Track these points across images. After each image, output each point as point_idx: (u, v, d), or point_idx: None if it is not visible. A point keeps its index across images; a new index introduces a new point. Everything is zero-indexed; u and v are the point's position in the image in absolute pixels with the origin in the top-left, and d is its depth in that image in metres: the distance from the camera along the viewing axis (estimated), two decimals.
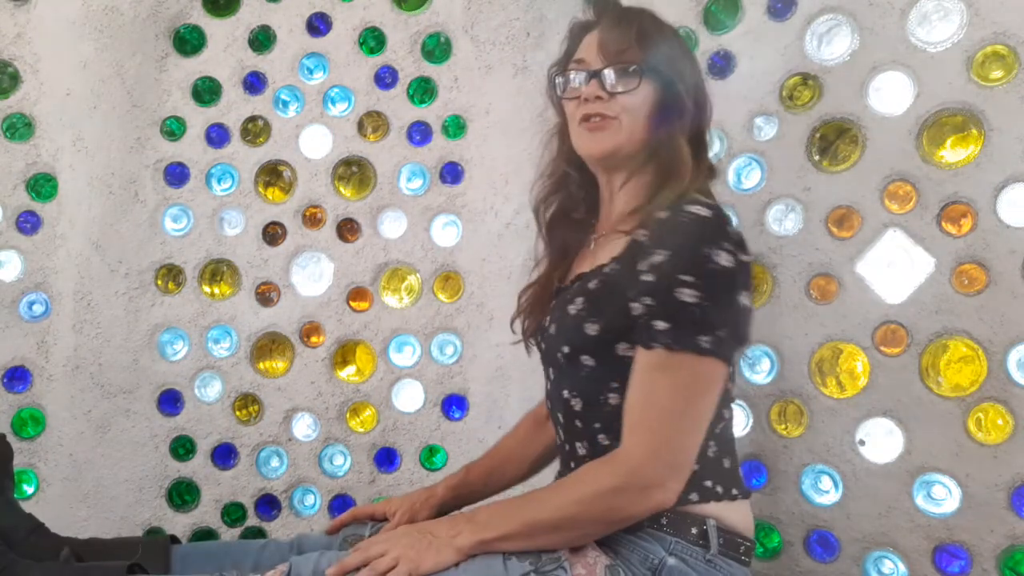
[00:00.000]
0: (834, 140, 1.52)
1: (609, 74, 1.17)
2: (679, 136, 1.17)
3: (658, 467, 1.02)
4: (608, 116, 1.17)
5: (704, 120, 1.24)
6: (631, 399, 1.06)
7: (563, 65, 1.27)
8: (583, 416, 1.16)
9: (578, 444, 1.18)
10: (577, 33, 1.27)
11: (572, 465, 1.20)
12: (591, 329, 1.12)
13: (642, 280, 1.05)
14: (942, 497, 1.44)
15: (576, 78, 1.21)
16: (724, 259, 1.02)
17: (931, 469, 1.44)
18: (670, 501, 1.04)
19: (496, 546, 1.04)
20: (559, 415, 1.22)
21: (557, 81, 1.25)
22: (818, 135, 1.52)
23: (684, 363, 1.02)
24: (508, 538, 1.04)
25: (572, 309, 1.16)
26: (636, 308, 1.06)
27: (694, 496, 1.09)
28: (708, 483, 1.10)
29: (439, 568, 1.03)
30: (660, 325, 1.02)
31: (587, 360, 1.14)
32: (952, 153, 1.43)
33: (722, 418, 1.14)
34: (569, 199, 1.31)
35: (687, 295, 1.01)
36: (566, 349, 1.16)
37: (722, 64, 1.59)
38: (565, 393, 1.19)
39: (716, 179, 1.26)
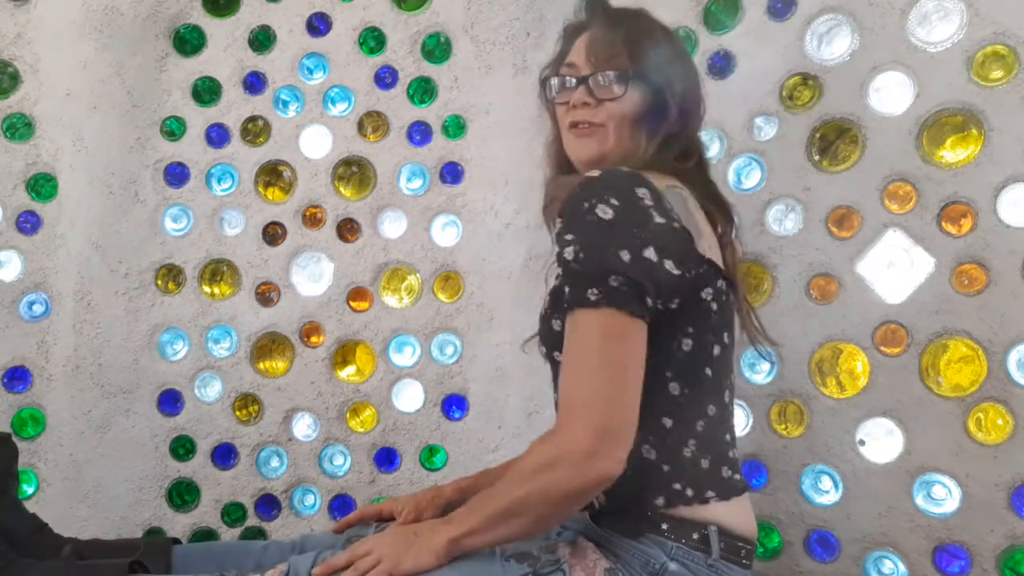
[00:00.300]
0: (834, 140, 1.52)
1: (596, 81, 1.17)
2: (652, 140, 1.17)
3: (587, 432, 0.97)
4: (595, 123, 1.17)
5: (690, 125, 1.22)
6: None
7: (554, 68, 1.26)
8: None
9: None
10: (570, 35, 1.26)
11: None
12: (556, 325, 1.11)
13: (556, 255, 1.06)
14: (942, 497, 1.44)
15: (565, 83, 1.21)
16: (602, 211, 1.00)
17: (931, 469, 1.44)
18: (614, 470, 0.98)
19: (465, 543, 1.03)
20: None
21: (549, 84, 1.25)
22: (818, 135, 1.52)
23: (582, 319, 1.00)
24: (472, 533, 1.03)
25: (541, 308, 1.17)
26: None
27: (660, 500, 1.07)
28: (677, 486, 1.08)
29: (418, 570, 1.02)
30: (566, 291, 1.02)
31: (558, 356, 1.13)
32: (952, 153, 1.43)
33: (703, 414, 1.11)
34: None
35: (569, 253, 1.00)
36: (543, 349, 1.17)
37: (722, 64, 1.59)
38: (553, 394, 1.19)
39: (688, 162, 1.20)
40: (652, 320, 1.02)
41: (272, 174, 1.85)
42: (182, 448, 1.84)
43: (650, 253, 1.00)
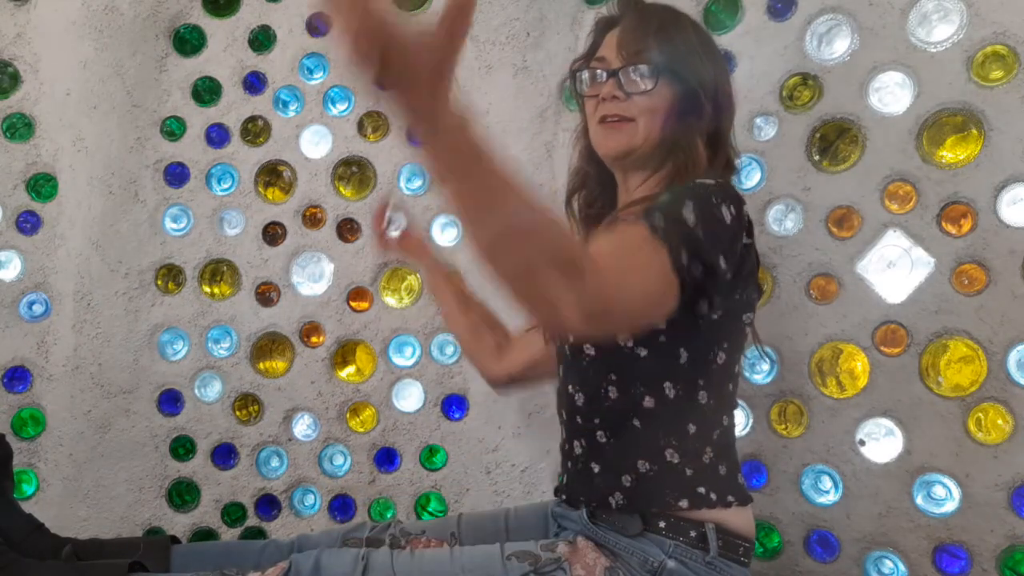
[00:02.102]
0: (834, 140, 1.52)
1: (626, 74, 1.16)
2: (695, 136, 1.17)
3: (594, 279, 0.82)
4: (625, 117, 1.17)
5: (724, 120, 1.22)
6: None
7: (585, 61, 1.26)
8: (584, 412, 1.17)
9: (576, 442, 1.19)
10: (601, 28, 1.26)
11: (569, 465, 1.21)
12: None
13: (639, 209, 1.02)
14: (942, 497, 1.44)
15: (595, 76, 1.21)
16: (725, 213, 1.01)
17: (931, 469, 1.44)
18: (572, 318, 0.82)
19: (439, 180, 0.78)
20: (563, 412, 1.22)
21: (579, 77, 1.24)
22: (818, 135, 1.52)
23: (638, 231, 0.95)
24: (458, 196, 0.78)
25: None
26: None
27: (684, 503, 1.08)
28: (701, 489, 1.09)
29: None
30: (647, 211, 0.98)
31: (588, 350, 1.15)
32: (952, 153, 1.43)
33: (720, 424, 1.14)
34: (588, 195, 1.32)
35: (690, 217, 0.97)
36: (571, 338, 1.18)
37: None
38: (570, 388, 1.19)
39: (736, 174, 1.25)
40: (685, 313, 1.00)
41: (272, 174, 1.85)
42: (182, 448, 1.84)
43: (726, 265, 1.01)
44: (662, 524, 1.08)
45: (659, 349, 1.09)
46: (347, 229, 1.82)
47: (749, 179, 1.58)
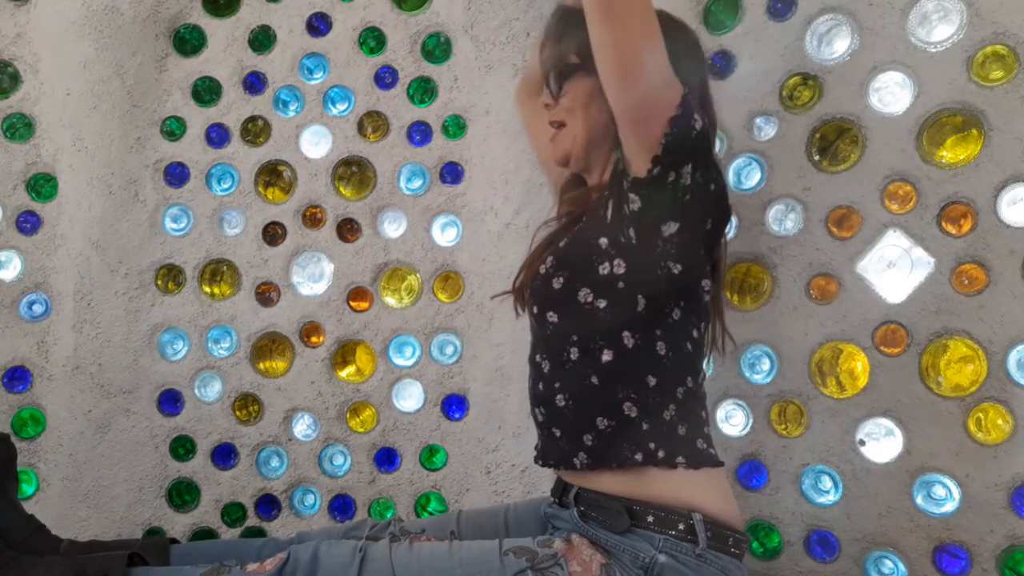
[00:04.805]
0: (834, 140, 1.52)
1: (549, 82, 1.25)
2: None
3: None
4: (559, 122, 1.25)
5: None
6: None
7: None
8: (548, 378, 1.19)
9: (538, 410, 1.22)
10: None
11: (539, 432, 1.24)
12: (556, 283, 1.16)
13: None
14: (942, 497, 1.44)
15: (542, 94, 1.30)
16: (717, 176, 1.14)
17: (931, 469, 1.44)
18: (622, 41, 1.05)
19: None
20: (530, 382, 1.25)
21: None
22: (818, 135, 1.52)
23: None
24: None
25: (542, 268, 1.20)
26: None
27: (639, 456, 1.10)
28: (652, 445, 1.11)
29: None
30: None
31: (552, 316, 1.18)
32: (952, 153, 1.43)
33: (683, 383, 1.15)
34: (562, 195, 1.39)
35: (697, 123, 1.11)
36: (535, 309, 1.22)
37: (722, 64, 1.59)
38: (537, 357, 1.23)
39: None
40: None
41: (272, 174, 1.85)
42: (182, 448, 1.84)
43: (701, 178, 1.10)
44: (650, 518, 1.08)
45: (618, 298, 1.12)
46: (347, 229, 1.82)
47: (749, 179, 1.58)
